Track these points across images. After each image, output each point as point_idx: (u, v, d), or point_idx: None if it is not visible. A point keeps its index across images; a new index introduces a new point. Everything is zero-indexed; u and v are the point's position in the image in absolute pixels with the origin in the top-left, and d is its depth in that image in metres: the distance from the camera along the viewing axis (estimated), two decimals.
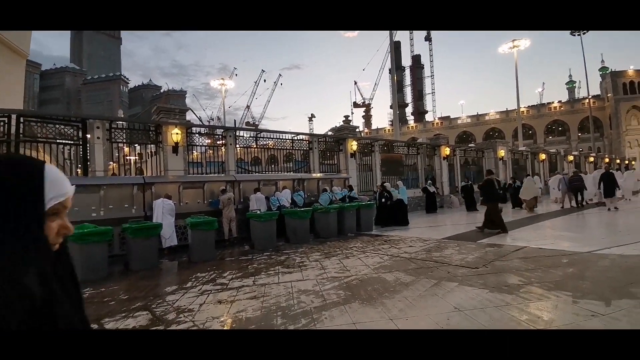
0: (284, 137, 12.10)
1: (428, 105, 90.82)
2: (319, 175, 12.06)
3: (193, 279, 5.57)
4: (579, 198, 13.52)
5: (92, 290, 5.11)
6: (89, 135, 8.70)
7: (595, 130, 47.85)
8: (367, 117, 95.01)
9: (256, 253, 7.58)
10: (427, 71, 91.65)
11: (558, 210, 12.78)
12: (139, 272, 6.22)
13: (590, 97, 46.97)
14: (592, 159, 31.33)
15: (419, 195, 15.60)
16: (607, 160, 31.90)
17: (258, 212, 8.42)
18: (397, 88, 65.80)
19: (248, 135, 11.75)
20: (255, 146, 11.77)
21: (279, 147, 12.06)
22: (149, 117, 12.04)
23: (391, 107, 25.94)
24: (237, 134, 11.42)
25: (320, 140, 13.26)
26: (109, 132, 8.91)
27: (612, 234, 7.84)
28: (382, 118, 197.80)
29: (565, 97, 67.59)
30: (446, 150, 17.50)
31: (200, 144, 10.83)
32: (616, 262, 5.06)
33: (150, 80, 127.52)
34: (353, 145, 13.57)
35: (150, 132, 9.65)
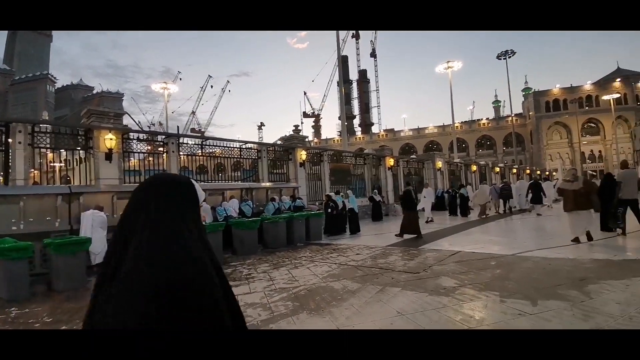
0: (231, 146, 11.79)
1: (374, 118, 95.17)
2: (268, 184, 11.92)
3: None
4: (507, 205, 15.30)
5: (17, 310, 4.59)
6: (10, 140, 7.69)
7: (517, 145, 54.00)
8: (317, 127, 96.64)
9: None
10: (372, 85, 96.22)
11: (489, 217, 14.08)
12: (64, 292, 5.55)
13: (513, 115, 53.02)
14: (515, 170, 35.15)
15: (366, 204, 16.15)
16: (528, 171, 36.05)
17: (204, 223, 8.04)
18: (345, 100, 67.89)
19: (193, 143, 11.26)
20: (200, 154, 11.30)
21: (227, 156, 11.71)
22: (79, 120, 10.96)
23: (340, 118, 26.70)
24: (181, 140, 10.89)
25: (269, 149, 13.16)
26: (31, 137, 7.94)
27: (535, 238, 8.79)
28: (331, 128, 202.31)
29: (492, 115, 75.29)
30: (390, 161, 18.41)
31: (139, 150, 10.13)
32: (539, 264, 5.65)
33: (80, 80, 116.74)
34: (302, 154, 13.67)
35: (79, 137, 8.79)
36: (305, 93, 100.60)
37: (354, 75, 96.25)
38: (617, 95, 49.49)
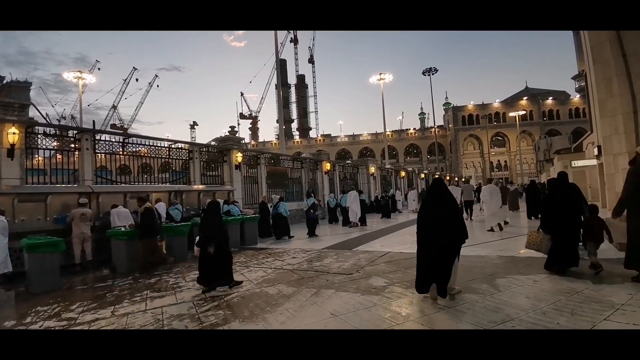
0: (159, 145, 10.90)
1: (312, 123, 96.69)
2: (200, 187, 11.26)
3: (32, 314, 4.43)
4: None
5: None
6: None
7: (439, 154, 59.57)
8: (254, 130, 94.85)
9: (118, 278, 6.49)
10: (310, 91, 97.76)
11: (415, 219, 15.17)
12: None
13: (435, 126, 58.45)
14: (437, 176, 38.59)
15: (303, 208, 16.22)
16: (448, 178, 39.82)
17: (122, 229, 7.27)
18: (283, 104, 67.91)
19: (113, 140, 10.14)
20: (122, 153, 10.23)
21: (154, 156, 10.77)
22: None
23: (277, 121, 26.60)
24: (98, 137, 9.74)
25: (202, 150, 12.48)
26: None
27: None
28: (269, 131, 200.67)
29: (418, 125, 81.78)
30: (327, 166, 18.82)
31: (46, 147, 8.82)
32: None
33: None
34: (238, 156, 13.25)
35: None
36: (242, 94, 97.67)
37: (292, 79, 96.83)
38: (522, 112, 57.69)
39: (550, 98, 65.47)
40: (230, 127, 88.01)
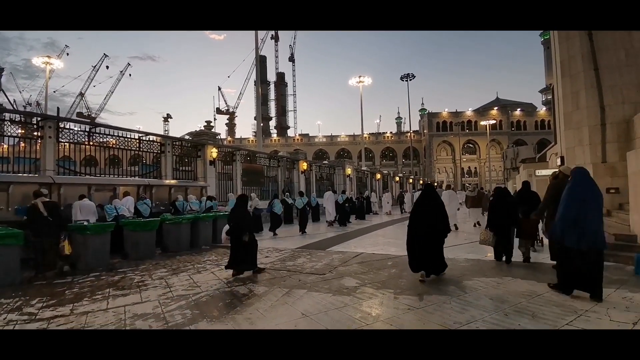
0: (129, 136, 10.44)
1: (290, 122, 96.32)
2: (172, 182, 10.90)
3: None
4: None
5: None
6: None
7: (414, 158, 61.02)
8: (231, 126, 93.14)
9: (80, 274, 6.15)
10: (290, 89, 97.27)
11: (388, 220, 15.45)
12: None
13: (411, 131, 59.83)
14: (411, 180, 39.50)
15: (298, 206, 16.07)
16: (422, 181, 40.81)
17: (85, 223, 6.89)
18: (262, 101, 67.10)
19: (79, 129, 9.61)
20: (88, 143, 9.70)
21: (123, 147, 10.31)
22: None
23: (255, 118, 26.17)
24: (63, 125, 9.19)
25: (175, 143, 12.08)
26: None
27: None
28: (246, 128, 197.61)
29: (395, 129, 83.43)
30: (304, 165, 18.77)
31: (9, 134, 8.26)
32: None
33: None
34: (213, 152, 12.94)
35: None
36: (220, 88, 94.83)
37: (272, 76, 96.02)
38: (492, 122, 60.28)
39: (519, 109, 68.81)
40: (206, 121, 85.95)
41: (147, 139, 11.09)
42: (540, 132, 62.50)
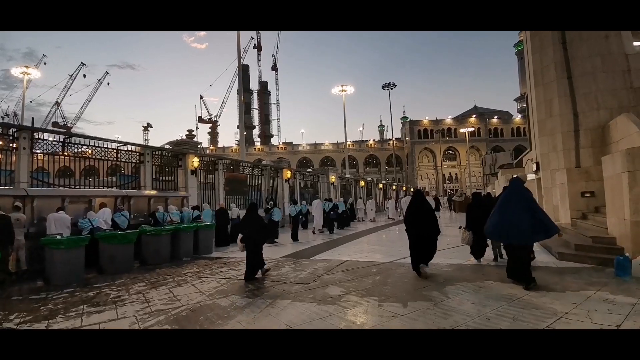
0: (106, 146, 10.12)
1: (274, 130, 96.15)
2: (152, 192, 10.61)
3: None
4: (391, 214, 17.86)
5: None
6: None
7: (397, 165, 61.90)
8: (214, 134, 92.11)
9: (53, 290, 5.86)
10: (273, 98, 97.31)
11: (373, 227, 15.52)
12: None
13: (394, 139, 60.83)
14: (394, 187, 39.96)
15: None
16: (404, 188, 41.37)
17: (58, 237, 6.59)
18: (245, 110, 66.81)
19: (53, 139, 9.25)
20: (62, 153, 9.34)
21: (99, 158, 9.98)
22: None
23: (238, 127, 25.99)
24: (37, 135, 8.83)
25: (155, 153, 11.80)
26: None
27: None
28: (229, 137, 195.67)
29: (377, 137, 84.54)
30: (288, 173, 18.69)
31: None
32: (410, 270, 6.30)
33: None
34: (194, 161, 12.71)
35: None
36: (202, 97, 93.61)
37: (255, 85, 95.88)
38: (471, 129, 62.07)
39: (496, 117, 71.14)
40: (187, 130, 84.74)
41: (125, 148, 10.79)
42: (517, 139, 64.69)
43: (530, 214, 4.84)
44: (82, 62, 78.86)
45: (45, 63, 73.45)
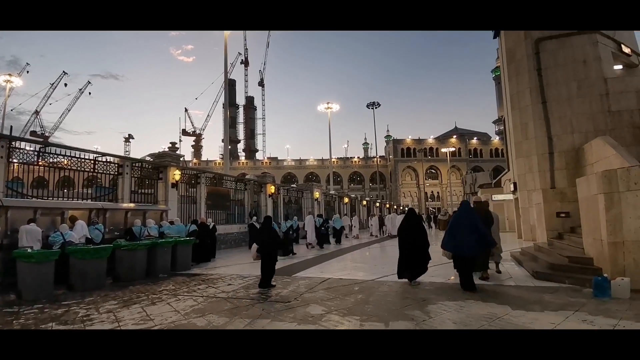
0: (83, 157, 9.80)
1: (259, 145, 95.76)
2: (129, 205, 10.26)
3: None
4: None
5: None
6: None
7: (380, 182, 62.60)
8: (197, 147, 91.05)
9: (24, 305, 5.53)
10: (259, 113, 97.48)
11: (357, 244, 15.46)
12: None
13: (378, 156, 61.71)
14: (378, 204, 40.24)
15: (244, 231, 15.66)
16: (388, 205, 41.71)
17: (29, 250, 6.24)
18: (230, 124, 66.61)
19: (30, 149, 8.89)
20: (38, 163, 8.97)
21: (75, 168, 9.63)
22: None
23: (223, 140, 25.89)
24: (15, 144, 8.47)
25: (135, 165, 11.50)
26: None
27: (392, 264, 9.92)
28: (213, 150, 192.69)
29: (362, 154, 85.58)
30: (271, 188, 18.55)
31: None
32: (392, 288, 6.33)
33: None
34: (176, 174, 12.45)
35: None
36: (186, 110, 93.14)
37: (241, 100, 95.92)
38: (452, 149, 63.93)
39: (475, 138, 73.59)
40: (170, 143, 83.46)
41: (103, 159, 10.47)
42: (495, 160, 66.87)
43: (476, 231, 5.94)
44: (63, 71, 77.48)
45: (27, 72, 71.63)
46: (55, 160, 9.44)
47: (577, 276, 6.13)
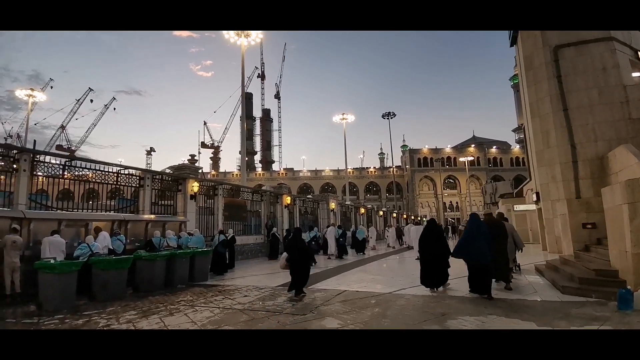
0: (107, 170, 10.17)
1: (275, 156, 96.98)
2: (149, 216, 10.54)
3: None
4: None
5: None
6: None
7: (397, 192, 61.88)
8: (216, 160, 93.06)
9: (45, 315, 5.71)
10: (275, 125, 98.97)
11: (374, 255, 15.27)
12: None
13: (394, 166, 61.21)
14: (395, 214, 39.72)
15: (261, 242, 15.74)
16: (405, 216, 41.10)
17: (52, 261, 6.48)
18: (247, 136, 67.86)
19: (56, 162, 9.32)
20: (64, 176, 9.38)
21: (99, 181, 10.01)
22: None
23: (240, 152, 26.44)
24: (39, 158, 8.91)
25: (155, 177, 11.85)
26: None
27: (408, 277, 9.72)
28: (231, 162, 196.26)
29: (378, 165, 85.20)
30: (288, 199, 18.65)
31: None
32: (410, 301, 6.18)
33: None
34: (194, 186, 12.72)
35: None
36: (205, 123, 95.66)
37: (257, 112, 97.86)
38: (471, 158, 62.65)
39: (495, 147, 71.95)
40: (190, 155, 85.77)
41: (125, 172, 10.84)
42: (516, 169, 65.06)
43: (486, 242, 6.36)
44: (89, 87, 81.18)
45: (52, 87, 75.48)
46: (80, 173, 9.85)
47: (604, 289, 5.86)
